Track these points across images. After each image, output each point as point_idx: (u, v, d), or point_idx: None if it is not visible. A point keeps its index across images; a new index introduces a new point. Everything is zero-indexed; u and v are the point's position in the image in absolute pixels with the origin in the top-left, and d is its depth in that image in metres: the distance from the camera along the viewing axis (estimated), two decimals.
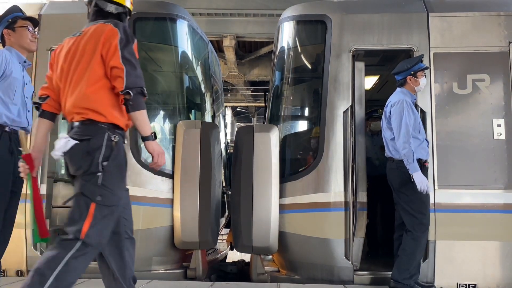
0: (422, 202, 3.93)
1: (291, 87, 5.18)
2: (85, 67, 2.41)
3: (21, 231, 4.45)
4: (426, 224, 3.96)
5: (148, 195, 4.43)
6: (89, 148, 2.34)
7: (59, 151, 2.37)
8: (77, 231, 2.30)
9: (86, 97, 2.38)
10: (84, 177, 2.35)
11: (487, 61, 4.42)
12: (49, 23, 4.75)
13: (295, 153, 5.00)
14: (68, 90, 2.46)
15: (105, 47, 2.38)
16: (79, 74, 2.42)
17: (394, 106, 4.01)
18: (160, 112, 5.17)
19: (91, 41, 2.42)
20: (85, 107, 2.38)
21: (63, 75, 2.49)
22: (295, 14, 4.91)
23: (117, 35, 2.40)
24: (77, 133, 2.38)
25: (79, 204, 2.36)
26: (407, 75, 4.11)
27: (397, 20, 4.57)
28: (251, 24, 9.98)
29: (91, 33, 2.45)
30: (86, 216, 2.32)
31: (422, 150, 4.00)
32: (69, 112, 2.45)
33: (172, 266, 4.60)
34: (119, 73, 2.34)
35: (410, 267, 3.90)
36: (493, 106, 4.36)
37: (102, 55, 2.39)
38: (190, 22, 5.16)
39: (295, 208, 4.40)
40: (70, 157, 2.40)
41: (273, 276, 4.63)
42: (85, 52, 2.42)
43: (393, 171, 4.05)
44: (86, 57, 2.41)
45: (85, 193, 2.35)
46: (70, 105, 2.43)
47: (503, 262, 4.20)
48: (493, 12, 4.52)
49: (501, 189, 4.24)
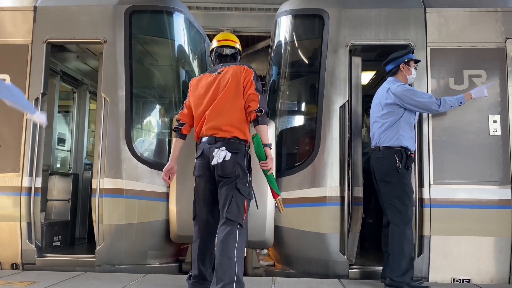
0: (405, 193, 3.89)
1: (288, 81, 5.17)
2: (229, 97, 3.26)
3: (17, 224, 4.44)
4: (409, 215, 3.89)
5: (144, 189, 4.43)
6: (237, 159, 3.18)
7: (220, 159, 3.14)
8: (240, 219, 3.10)
9: (235, 120, 3.23)
10: (239, 181, 3.16)
11: (484, 57, 4.43)
12: (44, 15, 4.72)
13: (291, 148, 5.00)
14: (211, 113, 3.26)
15: (245, 81, 3.28)
16: (223, 102, 3.26)
17: (397, 89, 3.97)
18: (156, 106, 5.16)
19: (234, 78, 3.29)
20: (235, 126, 3.23)
21: (208, 102, 3.30)
22: (292, 8, 4.90)
23: (251, 73, 3.32)
24: (227, 147, 3.18)
25: (237, 200, 3.13)
26: (401, 63, 4.12)
27: (394, 15, 4.56)
28: (248, 18, 9.94)
29: (231, 74, 3.32)
30: (243, 209, 3.15)
31: (411, 141, 4.01)
32: (212, 128, 3.24)
33: (167, 260, 4.61)
34: (254, 98, 3.21)
35: (401, 263, 3.80)
36: (489, 102, 4.37)
37: (244, 87, 3.27)
38: (187, 15, 5.13)
39: (291, 203, 4.40)
40: (224, 164, 3.15)
41: (268, 270, 4.64)
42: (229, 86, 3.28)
43: (378, 160, 4.00)
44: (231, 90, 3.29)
45: (242, 193, 3.16)
46: (217, 124, 3.23)
47: (497, 257, 4.22)
48: (490, 8, 4.52)
49: (496, 185, 4.26)
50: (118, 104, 4.50)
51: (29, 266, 4.47)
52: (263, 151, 3.19)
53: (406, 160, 3.90)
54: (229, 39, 3.57)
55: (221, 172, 3.16)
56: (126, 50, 4.57)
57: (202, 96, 3.36)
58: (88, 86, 6.53)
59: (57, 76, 5.73)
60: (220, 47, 3.53)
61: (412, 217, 3.96)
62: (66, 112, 6.50)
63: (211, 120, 3.25)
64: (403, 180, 3.90)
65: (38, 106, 4.57)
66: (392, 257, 3.83)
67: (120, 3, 4.68)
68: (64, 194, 5.89)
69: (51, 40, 4.67)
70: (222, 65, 3.45)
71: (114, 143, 4.46)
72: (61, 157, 6.31)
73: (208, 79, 3.40)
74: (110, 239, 4.38)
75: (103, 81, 4.58)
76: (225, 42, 3.55)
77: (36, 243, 4.50)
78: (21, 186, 4.47)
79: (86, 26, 4.66)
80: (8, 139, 4.53)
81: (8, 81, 4.56)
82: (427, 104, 3.99)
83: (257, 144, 3.19)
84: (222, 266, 2.96)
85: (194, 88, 3.46)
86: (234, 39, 3.62)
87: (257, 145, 3.19)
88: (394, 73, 4.17)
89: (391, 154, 3.91)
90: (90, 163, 6.45)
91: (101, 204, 4.38)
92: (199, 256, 3.34)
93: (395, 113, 3.99)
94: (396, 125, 3.97)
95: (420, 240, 4.27)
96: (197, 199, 3.37)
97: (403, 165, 3.89)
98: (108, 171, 4.42)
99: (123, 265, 4.43)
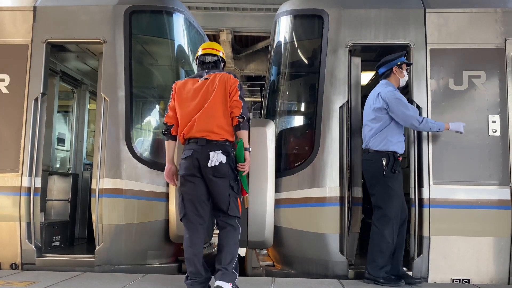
0: (389, 196, 4.03)
1: (288, 82, 5.18)
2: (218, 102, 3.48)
3: (16, 224, 4.44)
4: (389, 216, 4.00)
5: (144, 189, 4.43)
6: (229, 161, 3.43)
7: (218, 162, 3.38)
8: (238, 213, 3.51)
9: (225, 124, 3.46)
10: (232, 181, 3.45)
11: (483, 57, 4.43)
12: (44, 15, 4.71)
13: (291, 148, 5.00)
14: (202, 116, 3.45)
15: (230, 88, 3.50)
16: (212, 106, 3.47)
17: (387, 95, 4.08)
18: (156, 106, 5.15)
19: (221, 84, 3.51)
20: (225, 129, 3.45)
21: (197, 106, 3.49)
22: (292, 8, 4.90)
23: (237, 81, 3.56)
24: (222, 151, 3.42)
25: (233, 197, 3.47)
26: (393, 66, 4.22)
27: (394, 15, 4.57)
28: (248, 19, 9.96)
29: (218, 80, 3.53)
30: (237, 203, 3.51)
31: (400, 144, 4.13)
32: (203, 130, 3.43)
33: (167, 260, 4.61)
34: (237, 105, 3.44)
35: (378, 260, 3.99)
36: (489, 103, 4.37)
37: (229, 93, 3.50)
38: (186, 15, 5.13)
39: (291, 203, 4.41)
40: (220, 167, 3.40)
41: (268, 270, 4.64)
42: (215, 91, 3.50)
43: (367, 162, 4.19)
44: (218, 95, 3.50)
45: (235, 191, 3.48)
46: (207, 126, 3.43)
47: (496, 257, 4.23)
48: (489, 9, 4.53)
49: (495, 185, 4.27)
50: (117, 104, 4.50)
51: (28, 266, 4.47)
52: (243, 154, 3.46)
53: (393, 164, 4.04)
54: (212, 48, 3.82)
55: (217, 173, 3.41)
56: (126, 50, 4.58)
57: (189, 99, 3.54)
58: (88, 86, 6.53)
59: (56, 76, 5.73)
60: (203, 55, 3.78)
61: (391, 219, 4.01)
62: (65, 112, 6.50)
63: (202, 123, 3.45)
64: (388, 184, 4.04)
65: (38, 106, 4.57)
66: (370, 253, 4.06)
67: (120, 3, 4.68)
68: (63, 194, 5.88)
69: (51, 40, 4.67)
70: (208, 71, 3.67)
71: (113, 143, 4.46)
72: (61, 157, 6.31)
73: (195, 83, 3.59)
74: (109, 239, 4.38)
75: (103, 81, 4.58)
76: (208, 50, 3.80)
77: (35, 243, 4.50)
78: (21, 186, 4.47)
79: (85, 26, 4.66)
80: (8, 139, 4.53)
81: (7, 81, 4.57)
82: (410, 118, 4.05)
83: (240, 148, 3.46)
84: (229, 248, 3.44)
85: (180, 91, 3.61)
86: (217, 47, 3.86)
87: (240, 149, 3.46)
88: (387, 76, 4.28)
89: (379, 157, 4.07)
90: (89, 163, 6.45)
91: (100, 204, 4.38)
92: (192, 255, 3.47)
93: (383, 118, 4.11)
94: (385, 130, 4.10)
95: (419, 241, 4.27)
96: (186, 199, 3.50)
97: (389, 168, 4.03)
98: (108, 171, 4.42)
99: (122, 265, 4.43)
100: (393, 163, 4.04)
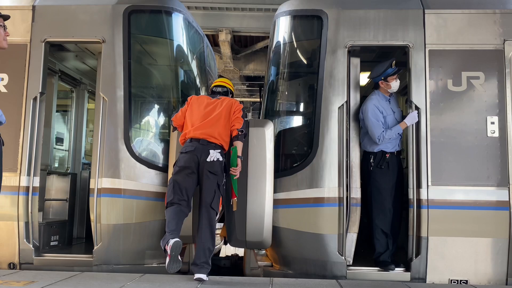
0: (376, 189, 4.44)
1: (287, 82, 5.18)
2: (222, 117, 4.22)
3: (14, 224, 4.43)
4: (380, 209, 4.42)
5: (142, 188, 4.43)
6: (222, 163, 4.09)
7: (215, 158, 4.03)
8: (218, 208, 4.07)
9: (224, 134, 4.17)
10: (219, 181, 4.05)
11: (482, 58, 4.44)
12: (43, 15, 4.71)
13: (289, 148, 5.00)
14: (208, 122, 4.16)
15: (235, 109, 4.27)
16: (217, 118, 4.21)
17: (368, 103, 4.49)
18: (155, 106, 5.15)
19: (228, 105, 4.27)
20: (223, 138, 4.15)
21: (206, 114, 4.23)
22: (291, 9, 4.90)
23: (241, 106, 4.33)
24: (219, 151, 4.09)
25: (218, 195, 4.05)
26: (379, 80, 4.56)
27: (393, 16, 4.57)
28: (247, 19, 9.95)
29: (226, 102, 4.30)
30: (219, 202, 4.09)
31: (389, 145, 4.45)
32: (206, 133, 4.10)
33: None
34: (239, 121, 4.19)
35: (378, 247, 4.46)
36: (487, 104, 4.38)
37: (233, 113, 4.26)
38: (185, 15, 5.13)
39: (289, 203, 4.41)
40: (215, 163, 4.03)
41: (266, 270, 4.65)
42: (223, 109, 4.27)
43: (362, 161, 4.58)
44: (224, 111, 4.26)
45: (220, 191, 4.08)
46: (210, 131, 4.11)
47: (494, 258, 4.24)
48: (488, 10, 4.54)
49: (493, 186, 4.28)
50: (116, 104, 4.50)
51: (26, 265, 4.46)
52: (236, 160, 4.08)
53: (379, 160, 4.39)
54: (223, 81, 4.63)
55: (211, 169, 4.01)
56: (124, 49, 4.57)
57: (202, 108, 4.26)
58: (87, 86, 6.52)
59: (55, 75, 5.72)
60: (215, 86, 4.60)
61: (386, 210, 4.41)
62: (64, 111, 6.49)
63: (207, 128, 4.13)
64: (376, 178, 4.45)
65: (37, 105, 4.57)
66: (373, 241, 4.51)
67: (119, 3, 4.67)
68: (62, 194, 5.88)
69: (50, 39, 4.66)
70: (220, 95, 4.44)
71: (112, 143, 4.46)
72: (59, 157, 6.30)
73: (209, 99, 4.36)
74: (108, 239, 4.37)
75: (102, 80, 4.58)
76: (219, 83, 4.61)
77: (33, 242, 4.49)
78: (19, 185, 4.46)
79: (84, 26, 4.66)
80: (6, 138, 4.50)
81: (6, 81, 4.56)
82: (373, 133, 4.40)
83: (234, 153, 4.08)
84: (208, 235, 3.99)
85: (195, 101, 4.34)
86: (228, 82, 4.65)
87: (233, 155, 4.08)
88: (376, 86, 4.63)
89: (368, 156, 4.52)
90: (88, 163, 6.44)
91: (99, 204, 4.38)
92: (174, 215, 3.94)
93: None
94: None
95: (417, 241, 4.28)
96: (177, 187, 3.99)
97: (375, 164, 4.44)
98: (106, 171, 4.42)
99: (120, 265, 4.42)
100: (380, 159, 4.42)
